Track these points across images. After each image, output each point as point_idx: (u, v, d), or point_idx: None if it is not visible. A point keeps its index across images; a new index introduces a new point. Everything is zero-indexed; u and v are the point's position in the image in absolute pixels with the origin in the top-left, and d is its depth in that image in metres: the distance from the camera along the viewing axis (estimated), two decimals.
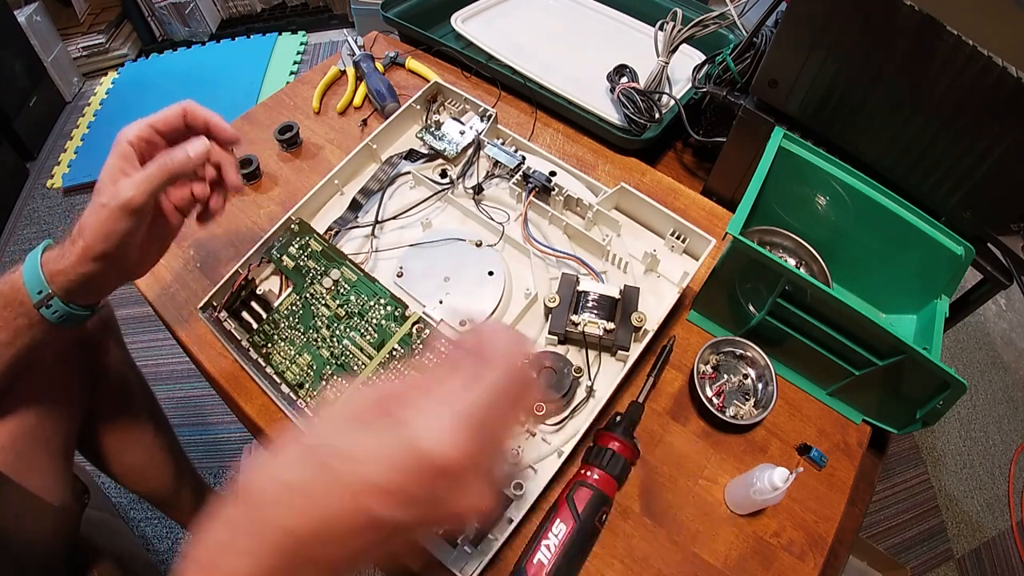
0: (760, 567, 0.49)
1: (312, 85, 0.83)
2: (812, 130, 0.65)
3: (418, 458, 0.26)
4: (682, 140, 0.86)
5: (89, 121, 1.86)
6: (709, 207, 0.71)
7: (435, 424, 0.26)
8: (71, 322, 0.47)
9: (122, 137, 0.44)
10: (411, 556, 0.35)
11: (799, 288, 0.51)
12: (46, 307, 0.45)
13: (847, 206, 0.59)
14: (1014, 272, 0.59)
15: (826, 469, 0.54)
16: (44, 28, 1.85)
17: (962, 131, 0.54)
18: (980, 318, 1.54)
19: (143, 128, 0.45)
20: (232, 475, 1.18)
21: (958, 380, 0.46)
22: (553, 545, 0.46)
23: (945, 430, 1.36)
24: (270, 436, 0.55)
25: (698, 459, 0.54)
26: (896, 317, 0.62)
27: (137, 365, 0.80)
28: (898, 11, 0.50)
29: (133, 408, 0.76)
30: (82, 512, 0.65)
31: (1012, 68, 0.47)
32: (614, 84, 0.78)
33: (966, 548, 1.21)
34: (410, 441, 0.26)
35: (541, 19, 0.95)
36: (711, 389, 0.57)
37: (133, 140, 0.44)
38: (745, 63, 0.69)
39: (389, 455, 0.26)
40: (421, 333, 0.55)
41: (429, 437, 0.26)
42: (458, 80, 0.85)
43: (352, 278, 0.58)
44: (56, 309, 0.45)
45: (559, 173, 0.67)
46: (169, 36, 2.12)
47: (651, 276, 0.62)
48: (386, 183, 0.67)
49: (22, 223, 1.66)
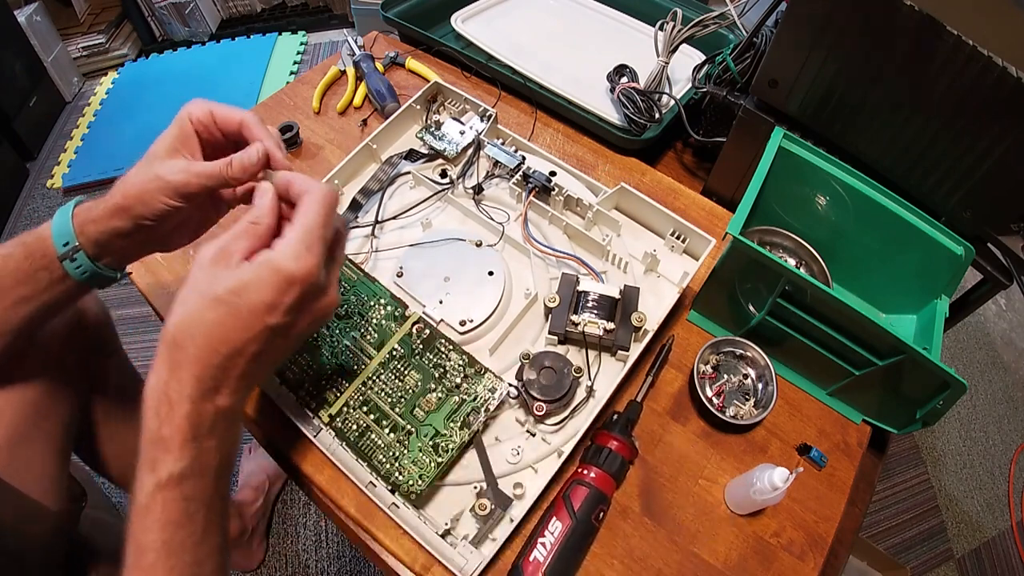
0: (760, 567, 0.49)
1: (312, 85, 0.83)
2: (812, 130, 0.65)
3: (285, 275, 0.36)
4: (682, 140, 0.86)
5: (89, 121, 1.86)
6: (709, 207, 0.71)
7: (287, 249, 0.37)
8: (94, 281, 0.46)
9: (185, 113, 0.44)
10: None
11: (799, 288, 0.51)
12: (71, 260, 0.44)
13: (847, 206, 0.59)
14: (1014, 272, 0.59)
15: (826, 469, 0.54)
16: (44, 28, 1.85)
17: (962, 131, 0.54)
18: (980, 318, 1.54)
19: (205, 113, 0.44)
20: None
21: (958, 380, 0.46)
22: (549, 543, 0.46)
23: (945, 430, 1.36)
24: (270, 436, 0.55)
25: (698, 459, 0.54)
26: (896, 317, 0.62)
27: (135, 366, 0.80)
28: (898, 11, 0.50)
29: (132, 411, 0.76)
30: (80, 514, 0.64)
31: (1012, 68, 0.47)
32: (614, 84, 0.78)
33: (966, 548, 1.21)
34: (274, 265, 0.36)
35: (541, 19, 0.95)
36: (711, 389, 0.57)
37: (195, 120, 0.44)
38: (745, 63, 0.69)
39: (265, 280, 0.36)
40: (421, 333, 0.55)
41: (286, 258, 0.36)
42: (458, 80, 0.85)
43: (352, 278, 0.58)
44: (80, 264, 0.45)
45: (559, 173, 0.67)
46: (169, 36, 2.12)
47: (651, 276, 0.62)
48: (386, 183, 0.67)
49: (22, 223, 1.66)
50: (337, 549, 1.11)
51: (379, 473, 0.50)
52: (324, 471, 0.52)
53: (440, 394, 0.52)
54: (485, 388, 0.52)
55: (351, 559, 1.09)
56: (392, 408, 0.52)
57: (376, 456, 0.51)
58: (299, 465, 0.53)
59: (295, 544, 1.11)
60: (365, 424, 0.52)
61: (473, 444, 0.52)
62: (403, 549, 0.49)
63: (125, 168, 0.44)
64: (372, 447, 0.51)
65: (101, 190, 1.68)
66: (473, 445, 0.52)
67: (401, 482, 0.49)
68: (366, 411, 0.52)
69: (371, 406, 0.53)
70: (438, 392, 0.53)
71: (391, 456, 0.50)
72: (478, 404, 0.52)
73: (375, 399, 0.53)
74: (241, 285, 0.36)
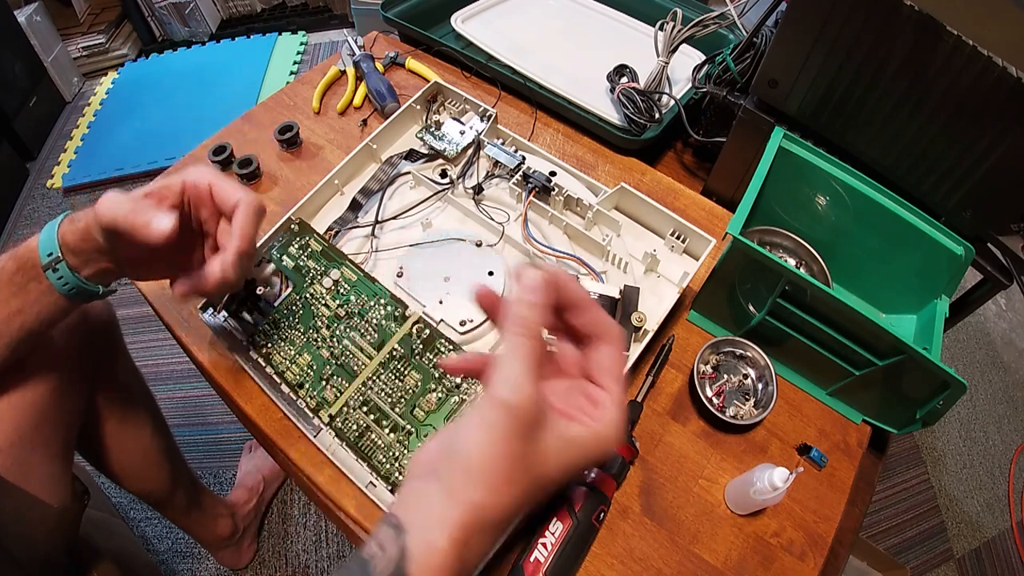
0: (760, 567, 0.49)
1: (312, 85, 0.83)
2: (812, 130, 0.65)
3: (598, 449, 0.31)
4: (682, 140, 0.86)
5: (89, 121, 1.86)
6: (709, 207, 0.71)
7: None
8: (77, 295, 0.46)
9: (184, 178, 0.44)
10: None
11: (799, 288, 0.51)
12: (53, 270, 0.44)
13: (847, 206, 0.59)
14: (1014, 272, 0.59)
15: (826, 469, 0.54)
16: (44, 28, 1.85)
17: (962, 131, 0.54)
18: (980, 318, 1.54)
19: (204, 184, 0.45)
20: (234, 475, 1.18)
21: (958, 380, 0.46)
22: (550, 543, 0.46)
23: (945, 430, 1.36)
24: (269, 436, 0.55)
25: (698, 459, 0.54)
26: (896, 317, 0.62)
27: (138, 366, 0.80)
28: (898, 11, 0.50)
29: (134, 410, 0.76)
30: (82, 513, 0.64)
31: (1012, 68, 0.47)
32: (614, 84, 0.78)
33: (966, 548, 1.21)
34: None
35: (541, 19, 0.95)
36: (711, 389, 0.57)
37: (189, 186, 0.44)
38: (745, 63, 0.69)
39: (568, 460, 0.30)
40: (421, 333, 0.55)
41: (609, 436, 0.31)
42: (458, 80, 0.85)
43: (352, 278, 0.58)
44: (62, 275, 0.44)
45: (559, 173, 0.67)
46: (169, 36, 2.12)
47: (651, 276, 0.62)
48: (386, 183, 0.67)
49: (22, 223, 1.66)
50: (337, 549, 1.11)
51: (379, 473, 0.50)
52: (324, 471, 0.52)
53: (440, 394, 0.52)
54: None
55: None
56: (392, 408, 0.52)
57: (376, 456, 0.51)
58: (299, 465, 0.53)
59: (295, 544, 1.11)
60: (365, 424, 0.52)
61: None
62: None
63: (125, 168, 0.44)
64: (372, 447, 0.51)
65: (101, 190, 1.68)
66: None
67: (401, 482, 0.49)
68: (366, 411, 0.52)
69: (371, 406, 0.53)
70: (438, 392, 0.53)
71: (391, 456, 0.50)
72: None
73: (375, 399, 0.53)
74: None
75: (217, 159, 0.73)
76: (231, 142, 0.74)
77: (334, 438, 0.52)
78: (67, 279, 0.45)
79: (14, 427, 0.52)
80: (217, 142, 0.74)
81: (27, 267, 0.44)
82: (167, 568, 1.09)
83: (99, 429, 0.72)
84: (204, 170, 0.45)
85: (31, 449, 0.54)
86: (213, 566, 1.08)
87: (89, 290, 0.46)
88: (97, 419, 0.71)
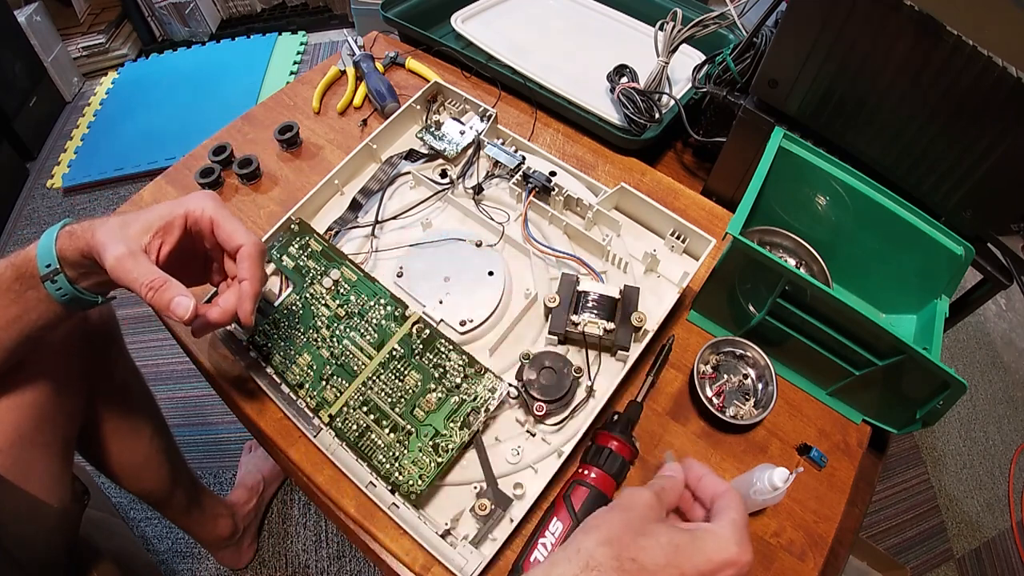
0: (760, 567, 0.49)
1: (312, 85, 0.83)
2: (812, 130, 0.65)
3: None
4: (682, 140, 0.86)
5: (89, 121, 1.86)
6: (709, 207, 0.71)
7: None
8: (75, 304, 0.46)
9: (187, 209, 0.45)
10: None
11: (799, 288, 0.51)
12: (51, 281, 0.44)
13: (847, 206, 0.59)
14: (1014, 272, 0.59)
15: (826, 469, 0.54)
16: (44, 28, 1.85)
17: (962, 131, 0.54)
18: (980, 318, 1.54)
19: (206, 220, 0.45)
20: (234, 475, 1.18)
21: (958, 380, 0.46)
22: (550, 543, 0.46)
23: (945, 430, 1.36)
24: (269, 436, 0.55)
25: (698, 459, 0.54)
26: (896, 317, 0.62)
27: (138, 366, 0.80)
28: (898, 11, 0.50)
29: (133, 410, 0.76)
30: (82, 513, 0.64)
31: (1012, 68, 0.47)
32: (614, 84, 0.78)
33: (966, 548, 1.21)
34: None
35: (541, 19, 0.95)
36: (711, 389, 0.57)
37: (192, 220, 0.45)
38: (745, 63, 0.69)
39: None
40: (421, 333, 0.55)
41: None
42: (458, 80, 0.85)
43: (352, 278, 0.58)
44: (61, 287, 0.44)
45: (559, 173, 0.67)
46: (169, 36, 2.12)
47: (651, 276, 0.62)
48: (386, 183, 0.67)
49: (22, 223, 1.66)
50: (337, 549, 1.11)
51: (379, 473, 0.50)
52: (324, 471, 0.52)
53: (440, 394, 0.52)
54: (485, 388, 0.52)
55: (351, 559, 1.09)
56: (392, 408, 0.52)
57: (376, 456, 0.51)
58: (299, 465, 0.53)
59: (295, 544, 1.11)
60: (365, 424, 0.52)
61: (473, 444, 0.52)
62: (403, 549, 0.49)
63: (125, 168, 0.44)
64: (372, 447, 0.51)
65: (101, 190, 1.69)
66: (473, 445, 0.52)
67: (401, 482, 0.49)
68: (366, 411, 0.52)
69: (371, 406, 0.53)
70: (438, 392, 0.53)
71: (391, 456, 0.50)
72: (478, 404, 0.52)
73: (375, 399, 0.53)
74: None
75: (217, 159, 0.73)
76: (231, 142, 0.74)
77: (334, 438, 0.52)
78: (65, 290, 0.45)
79: (14, 427, 0.52)
80: (217, 142, 0.74)
81: (25, 276, 0.44)
82: (167, 568, 1.09)
83: (99, 429, 0.72)
84: (206, 201, 0.45)
85: (31, 449, 0.54)
86: (213, 566, 1.08)
87: (88, 300, 0.47)
88: (97, 419, 0.71)
